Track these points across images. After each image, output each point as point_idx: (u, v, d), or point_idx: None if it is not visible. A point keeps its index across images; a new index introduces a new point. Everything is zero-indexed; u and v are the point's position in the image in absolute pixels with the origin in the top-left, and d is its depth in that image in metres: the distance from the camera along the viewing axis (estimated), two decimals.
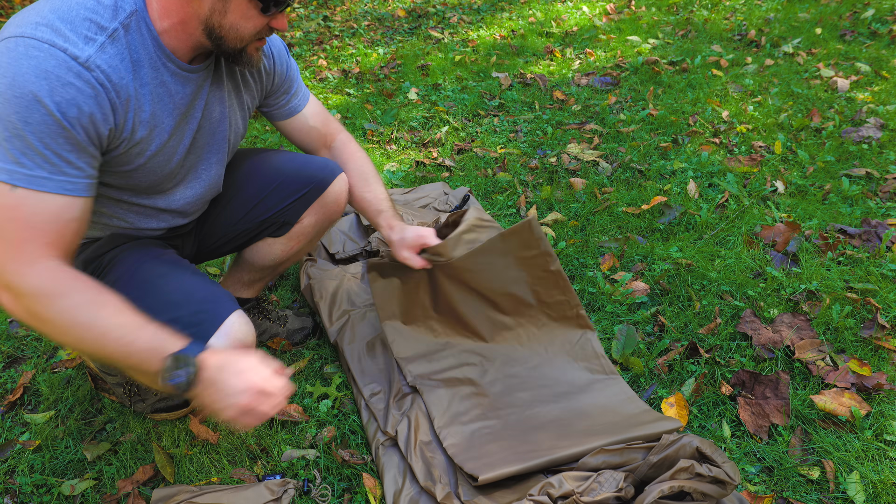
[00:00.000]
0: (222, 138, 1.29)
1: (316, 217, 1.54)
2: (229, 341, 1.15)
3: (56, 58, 0.95)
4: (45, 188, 0.98)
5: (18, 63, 0.93)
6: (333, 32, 4.82)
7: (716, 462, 1.13)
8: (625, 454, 1.20)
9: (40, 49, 0.94)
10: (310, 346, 1.76)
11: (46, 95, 0.94)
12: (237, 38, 1.09)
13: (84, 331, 0.99)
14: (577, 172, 2.58)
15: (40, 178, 0.97)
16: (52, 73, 0.94)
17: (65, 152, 0.98)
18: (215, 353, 1.04)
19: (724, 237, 2.10)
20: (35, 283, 0.98)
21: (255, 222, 1.49)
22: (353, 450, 1.44)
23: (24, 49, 0.94)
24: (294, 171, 1.49)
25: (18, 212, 0.97)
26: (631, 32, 4.20)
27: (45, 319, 0.99)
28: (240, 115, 1.32)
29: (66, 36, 0.96)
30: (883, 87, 3.09)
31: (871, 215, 2.14)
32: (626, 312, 1.80)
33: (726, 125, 2.85)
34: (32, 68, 0.93)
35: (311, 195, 1.50)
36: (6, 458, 1.46)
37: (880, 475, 1.29)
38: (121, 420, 1.54)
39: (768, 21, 4.17)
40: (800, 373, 1.55)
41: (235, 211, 1.48)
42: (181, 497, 1.26)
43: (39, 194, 0.98)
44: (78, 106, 0.97)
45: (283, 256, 1.58)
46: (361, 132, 3.10)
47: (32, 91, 0.93)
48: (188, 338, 1.05)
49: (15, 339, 1.83)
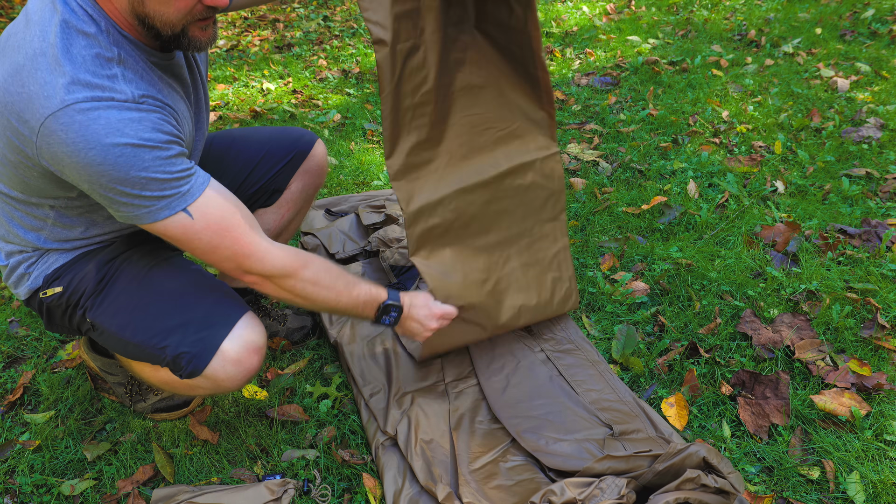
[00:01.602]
0: (204, 99, 1.32)
1: (303, 182, 1.62)
2: (242, 342, 1.19)
3: (113, 107, 0.97)
4: (197, 194, 1.06)
5: (90, 130, 0.95)
6: (333, 32, 4.82)
7: (721, 473, 1.13)
8: (630, 461, 1.20)
9: (93, 108, 0.96)
10: (310, 345, 1.76)
11: (136, 139, 0.98)
12: (167, 24, 1.03)
13: (327, 293, 1.21)
14: (577, 172, 2.58)
15: (189, 192, 1.05)
16: (122, 119, 0.97)
17: (181, 164, 1.04)
18: (406, 295, 1.34)
19: (724, 237, 2.10)
20: (279, 264, 1.14)
21: (247, 194, 1.56)
22: (353, 450, 1.44)
23: (80, 116, 0.95)
24: (276, 141, 1.57)
25: (213, 225, 1.07)
26: (631, 32, 4.20)
27: (298, 292, 1.18)
28: (203, 61, 1.33)
29: (98, 84, 0.98)
30: (883, 87, 3.09)
31: (871, 215, 2.14)
32: (626, 312, 1.80)
33: (726, 125, 2.85)
34: (105, 127, 0.96)
35: (296, 160, 1.59)
36: (6, 458, 1.46)
37: (880, 475, 1.29)
38: (121, 420, 1.54)
39: (768, 21, 4.17)
40: (800, 373, 1.55)
41: (228, 188, 1.51)
42: (181, 497, 1.26)
43: (202, 200, 1.06)
44: (159, 129, 1.01)
45: (275, 227, 1.63)
46: (361, 132, 3.10)
47: (123, 143, 0.97)
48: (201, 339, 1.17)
49: (15, 339, 1.83)
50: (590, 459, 1.30)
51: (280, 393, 1.60)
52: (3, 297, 2.02)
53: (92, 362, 1.54)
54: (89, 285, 1.22)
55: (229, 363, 1.18)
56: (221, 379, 1.19)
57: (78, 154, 0.96)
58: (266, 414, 1.53)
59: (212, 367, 1.17)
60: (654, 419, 1.40)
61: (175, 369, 1.19)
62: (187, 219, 1.05)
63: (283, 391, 1.61)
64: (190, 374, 1.17)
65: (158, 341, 1.18)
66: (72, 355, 1.74)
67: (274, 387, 1.61)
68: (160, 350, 1.18)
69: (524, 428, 1.39)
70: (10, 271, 1.25)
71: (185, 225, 1.06)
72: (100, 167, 0.97)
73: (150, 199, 1.02)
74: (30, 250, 1.23)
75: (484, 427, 1.43)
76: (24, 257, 1.23)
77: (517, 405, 1.46)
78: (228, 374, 1.19)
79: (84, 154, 0.96)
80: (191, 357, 1.16)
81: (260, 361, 1.23)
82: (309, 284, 1.18)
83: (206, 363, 1.17)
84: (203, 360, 1.16)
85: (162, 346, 1.17)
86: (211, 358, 1.17)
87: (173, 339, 1.17)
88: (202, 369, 1.17)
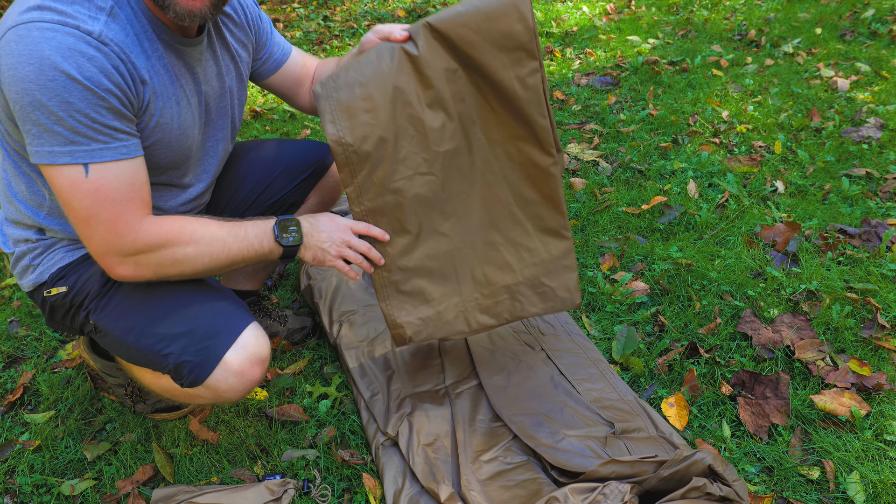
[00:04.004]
0: (225, 112, 1.30)
1: (320, 197, 1.61)
2: (246, 354, 1.17)
3: (72, 34, 0.95)
4: (108, 157, 1.01)
5: (38, 47, 0.93)
6: (333, 32, 4.81)
7: (727, 481, 1.13)
8: (635, 466, 1.20)
9: (54, 29, 0.94)
10: (310, 346, 1.76)
11: (76, 71, 0.94)
12: None
13: (212, 248, 1.13)
14: (577, 172, 2.58)
15: (100, 150, 0.99)
16: (74, 48, 0.94)
17: (109, 121, 1.00)
18: (301, 216, 1.24)
19: (724, 237, 2.10)
20: (151, 240, 1.08)
21: (263, 207, 1.53)
22: (353, 450, 1.44)
23: (37, 33, 0.93)
24: (297, 155, 1.55)
25: (102, 192, 1.01)
26: (631, 32, 4.20)
27: (177, 261, 1.11)
28: (239, 86, 1.34)
29: (72, 14, 0.96)
30: (883, 87, 3.09)
31: (871, 215, 2.14)
32: (626, 312, 1.80)
33: (726, 125, 2.85)
34: (54, 48, 0.93)
35: (315, 175, 1.57)
36: (6, 458, 1.46)
37: (880, 475, 1.29)
38: (121, 420, 1.54)
39: (768, 21, 4.17)
40: (800, 373, 1.55)
41: (244, 198, 1.51)
42: (181, 497, 1.26)
43: (108, 166, 1.01)
44: (107, 75, 0.98)
45: None
46: None
47: (62, 70, 0.93)
48: (205, 349, 1.15)
49: (15, 339, 1.83)
50: (592, 457, 1.30)
51: (280, 393, 1.60)
52: (3, 297, 2.02)
53: (92, 362, 1.54)
54: (94, 287, 1.21)
55: (231, 374, 1.16)
56: (223, 390, 1.17)
57: (17, 67, 0.93)
58: (266, 414, 1.53)
59: (214, 377, 1.15)
60: (654, 418, 1.40)
61: (177, 377, 1.17)
62: (81, 174, 1.00)
63: (283, 391, 1.61)
64: (192, 383, 1.16)
65: (162, 348, 1.16)
66: (72, 355, 1.74)
67: (274, 387, 1.61)
68: (163, 357, 1.16)
69: (527, 425, 1.40)
70: (17, 260, 1.25)
71: (74, 180, 1.00)
72: (28, 84, 0.93)
73: (56, 137, 0.97)
74: (34, 238, 1.22)
75: (485, 426, 1.43)
76: (29, 248, 1.23)
77: (519, 403, 1.46)
78: (230, 384, 1.17)
79: (21, 67, 0.93)
80: (193, 366, 1.15)
81: (262, 373, 1.21)
82: (189, 248, 1.11)
83: (208, 373, 1.15)
84: (206, 369, 1.15)
85: (165, 354, 1.16)
86: (213, 368, 1.15)
87: (176, 347, 1.15)
88: (204, 379, 1.15)
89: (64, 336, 1.84)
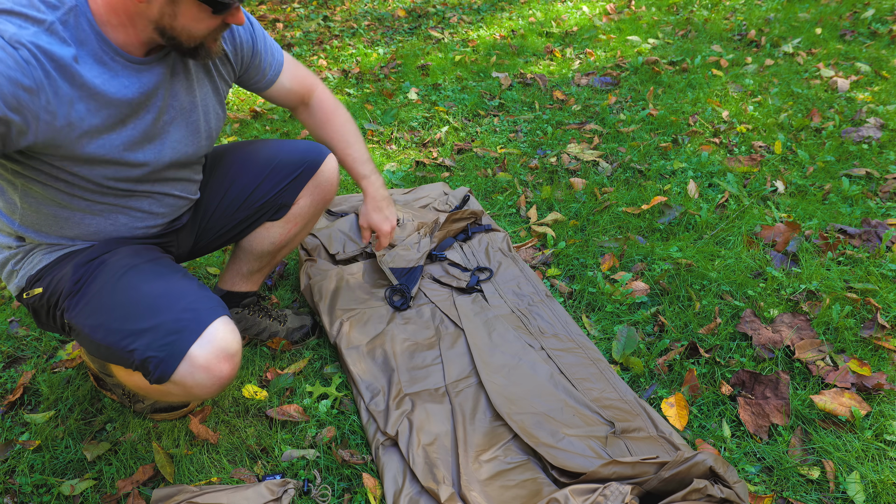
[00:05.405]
0: (194, 126, 1.29)
1: (311, 198, 1.59)
2: (212, 348, 1.12)
3: None
4: None
5: None
6: (333, 32, 4.81)
7: (727, 482, 1.13)
8: (636, 467, 1.20)
9: None
10: (310, 345, 1.76)
11: None
12: (190, 38, 1.10)
13: None
14: (577, 172, 2.58)
15: None
16: None
17: None
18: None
19: (724, 237, 2.10)
20: None
21: (253, 208, 1.53)
22: (353, 450, 1.44)
23: None
24: (286, 155, 1.55)
25: None
26: (631, 32, 4.20)
27: None
28: (215, 99, 1.33)
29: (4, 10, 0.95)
30: (883, 87, 3.09)
31: (871, 215, 2.14)
32: (626, 312, 1.80)
33: (726, 125, 2.85)
34: None
35: (304, 175, 1.56)
36: (6, 458, 1.46)
37: (880, 475, 1.29)
38: (121, 420, 1.54)
39: (768, 21, 4.17)
40: (800, 373, 1.55)
41: (233, 200, 1.51)
42: (181, 497, 1.26)
43: None
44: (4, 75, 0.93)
45: (281, 241, 1.61)
46: (361, 132, 3.10)
47: None
48: (169, 344, 1.10)
49: (15, 339, 1.83)
50: (593, 456, 1.30)
51: (280, 393, 1.60)
52: (3, 297, 2.02)
53: (90, 362, 1.54)
54: (66, 286, 1.20)
55: (198, 369, 1.11)
56: (191, 385, 1.12)
57: None
58: (266, 414, 1.53)
59: (179, 372, 1.10)
60: (654, 418, 1.40)
61: (144, 374, 1.13)
62: None
63: (283, 391, 1.61)
64: (158, 379, 1.11)
65: (127, 344, 1.11)
66: (72, 355, 1.74)
67: (274, 387, 1.61)
68: (129, 353, 1.12)
69: (527, 424, 1.40)
70: (1, 267, 1.27)
71: None
72: None
73: None
74: (15, 245, 1.23)
75: (485, 425, 1.43)
76: (11, 254, 1.24)
77: (519, 402, 1.46)
78: (197, 380, 1.12)
79: None
80: (158, 361, 1.09)
81: (232, 369, 1.15)
82: None
83: (173, 368, 1.10)
84: (170, 365, 1.10)
85: (130, 350, 1.11)
86: (178, 363, 1.10)
87: (142, 343, 1.10)
88: (170, 374, 1.10)
89: (63, 336, 1.83)
